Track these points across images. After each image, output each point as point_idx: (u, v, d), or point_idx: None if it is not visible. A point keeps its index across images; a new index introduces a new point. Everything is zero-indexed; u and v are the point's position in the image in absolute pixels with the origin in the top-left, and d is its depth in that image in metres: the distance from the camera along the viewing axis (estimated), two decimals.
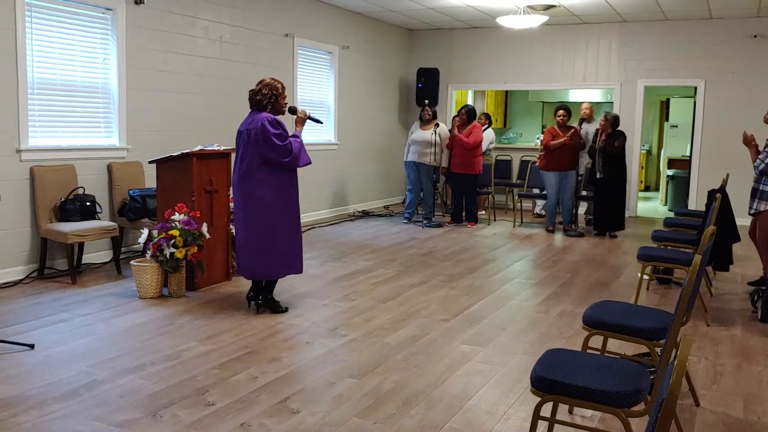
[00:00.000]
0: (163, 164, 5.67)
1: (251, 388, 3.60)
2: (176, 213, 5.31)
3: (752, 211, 5.70)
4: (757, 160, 5.60)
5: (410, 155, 9.43)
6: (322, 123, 5.43)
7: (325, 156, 9.83)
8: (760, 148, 5.73)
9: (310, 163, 4.96)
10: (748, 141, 5.76)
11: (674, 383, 1.56)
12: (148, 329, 4.57)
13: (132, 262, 5.40)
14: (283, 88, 4.93)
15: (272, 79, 4.92)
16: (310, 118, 5.08)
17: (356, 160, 10.66)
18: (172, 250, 5.19)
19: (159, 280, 5.34)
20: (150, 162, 5.82)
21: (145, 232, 5.41)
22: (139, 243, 5.45)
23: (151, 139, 6.93)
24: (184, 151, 5.56)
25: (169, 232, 5.21)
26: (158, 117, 7.06)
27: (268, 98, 4.83)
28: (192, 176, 5.52)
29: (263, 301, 5.03)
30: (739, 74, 9.87)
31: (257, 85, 4.86)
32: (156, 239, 5.25)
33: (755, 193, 5.69)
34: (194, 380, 3.70)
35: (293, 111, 5.04)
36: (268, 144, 4.72)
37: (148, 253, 5.30)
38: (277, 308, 5.04)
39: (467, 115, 9.30)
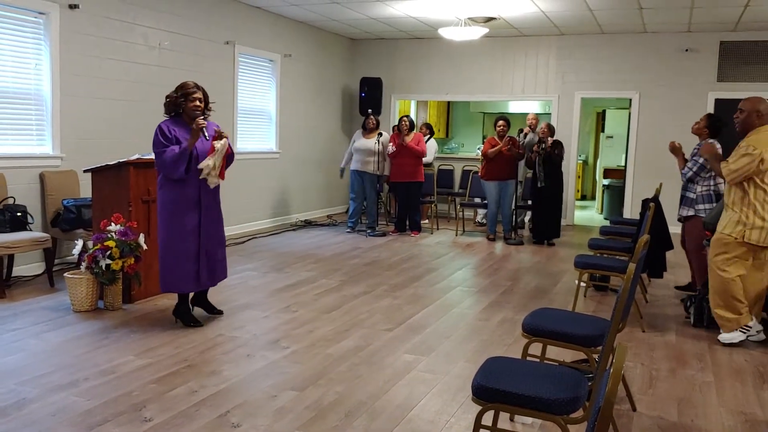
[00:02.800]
0: (98, 173, 5.52)
1: (190, 403, 3.52)
2: (112, 223, 5.17)
3: (679, 217, 5.97)
4: (686, 168, 5.83)
5: (353, 164, 9.44)
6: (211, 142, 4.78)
7: (266, 165, 9.74)
8: (687, 156, 5.96)
9: (181, 176, 4.61)
10: (676, 150, 5.98)
11: (610, 391, 1.58)
12: (83, 344, 4.42)
13: (66, 274, 5.23)
14: (194, 89, 4.70)
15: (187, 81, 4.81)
16: (201, 130, 4.63)
17: (298, 168, 10.59)
18: (108, 261, 5.05)
19: (94, 292, 5.18)
20: (85, 171, 5.66)
21: (80, 243, 5.25)
22: (74, 254, 5.29)
23: (86, 147, 6.73)
24: (121, 160, 5.43)
25: (105, 243, 5.07)
26: (94, 125, 6.87)
27: (174, 100, 4.70)
28: (129, 186, 5.39)
29: (174, 309, 4.95)
30: (672, 86, 10.23)
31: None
32: (91, 250, 5.09)
33: (682, 200, 5.95)
34: (130, 396, 3.59)
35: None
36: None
37: (83, 265, 5.14)
38: (187, 321, 4.87)
39: (410, 124, 9.39)
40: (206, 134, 4.69)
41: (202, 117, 4.70)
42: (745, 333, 4.75)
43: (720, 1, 7.99)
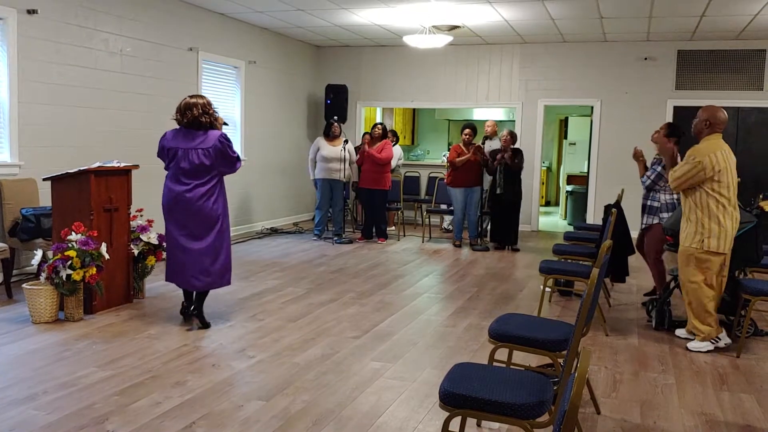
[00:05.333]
0: (58, 181, 5.41)
1: (154, 414, 3.47)
2: (73, 233, 5.08)
3: (643, 226, 6.05)
4: (644, 177, 5.94)
5: (319, 172, 9.41)
6: (228, 125, 5.64)
7: None
8: (648, 164, 6.08)
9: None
10: (637, 156, 6.10)
11: (575, 395, 1.60)
12: (42, 356, 4.33)
13: (24, 285, 5.11)
14: None
15: (199, 96, 5.04)
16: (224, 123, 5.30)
17: (264, 176, 10.53)
18: (69, 271, 4.95)
19: (54, 303, 5.07)
20: (44, 179, 5.54)
21: (39, 253, 5.14)
22: (33, 265, 5.17)
23: (46, 155, 6.60)
24: (82, 168, 5.34)
25: (66, 253, 4.97)
26: (54, 132, 6.74)
27: (212, 116, 5.03)
28: (90, 194, 5.30)
29: (198, 312, 5.08)
30: (632, 94, 10.43)
31: (194, 108, 4.91)
32: (51, 260, 4.99)
33: (644, 209, 6.05)
34: (92, 408, 3.52)
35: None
36: (227, 158, 5.04)
37: (43, 276, 5.03)
38: (206, 323, 5.11)
39: (383, 131, 9.44)
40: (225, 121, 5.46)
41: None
42: (714, 344, 4.84)
43: (677, 11, 8.18)
